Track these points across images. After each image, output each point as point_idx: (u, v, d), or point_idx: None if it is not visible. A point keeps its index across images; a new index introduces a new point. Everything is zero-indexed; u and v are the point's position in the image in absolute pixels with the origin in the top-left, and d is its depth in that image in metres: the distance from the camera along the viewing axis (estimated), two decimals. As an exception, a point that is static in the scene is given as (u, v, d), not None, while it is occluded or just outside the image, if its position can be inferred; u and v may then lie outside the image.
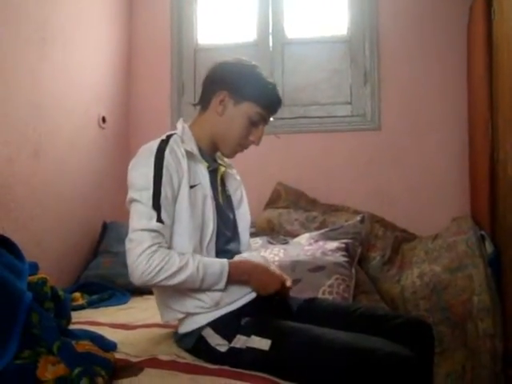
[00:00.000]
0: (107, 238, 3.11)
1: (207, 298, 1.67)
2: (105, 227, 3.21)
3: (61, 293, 1.78)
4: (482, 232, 2.70)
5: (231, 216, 1.93)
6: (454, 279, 2.58)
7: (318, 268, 2.54)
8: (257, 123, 1.80)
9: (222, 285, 1.65)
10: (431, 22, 3.24)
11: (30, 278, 1.66)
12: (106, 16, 3.38)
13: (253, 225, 3.18)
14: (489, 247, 2.62)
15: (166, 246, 1.60)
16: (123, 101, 3.57)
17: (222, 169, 1.92)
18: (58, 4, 2.85)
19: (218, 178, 1.89)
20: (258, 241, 2.93)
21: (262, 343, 1.57)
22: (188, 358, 1.66)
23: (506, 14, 2.38)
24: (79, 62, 3.05)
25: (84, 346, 1.48)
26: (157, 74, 3.61)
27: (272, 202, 3.28)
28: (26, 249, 1.84)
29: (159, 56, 3.60)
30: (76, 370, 1.27)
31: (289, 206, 3.21)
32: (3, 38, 2.46)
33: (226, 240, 1.85)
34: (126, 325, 2.09)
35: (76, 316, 2.07)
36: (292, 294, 2.12)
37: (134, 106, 3.64)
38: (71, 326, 1.80)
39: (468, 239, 2.68)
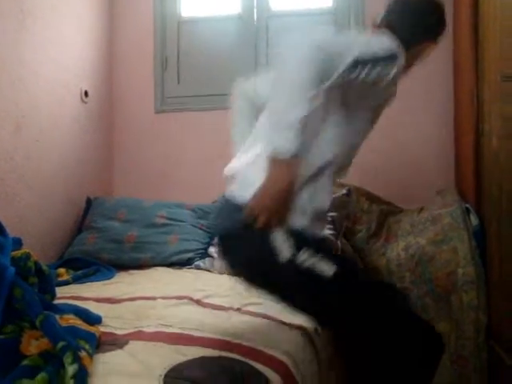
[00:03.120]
0: (91, 213, 3.10)
1: None
2: (89, 203, 3.20)
3: (44, 268, 1.77)
4: (467, 205, 2.71)
5: None
6: (438, 252, 2.59)
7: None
8: None
9: None
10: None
11: (14, 253, 1.66)
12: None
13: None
14: (473, 220, 2.64)
15: None
16: (106, 75, 3.53)
17: None
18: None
19: None
20: (244, 215, 2.94)
21: (327, 268, 1.53)
22: (175, 327, 1.68)
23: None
24: (60, 35, 3.00)
25: (68, 319, 1.48)
26: (140, 47, 3.56)
27: (258, 177, 3.28)
28: (9, 225, 1.83)
29: (142, 29, 3.55)
30: (60, 344, 1.26)
31: (274, 180, 3.21)
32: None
33: None
34: (111, 299, 2.11)
35: (61, 291, 2.07)
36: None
37: (116, 80, 3.60)
38: (56, 301, 1.80)
39: (453, 212, 2.69)
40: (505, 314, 2.20)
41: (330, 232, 2.61)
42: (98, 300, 2.08)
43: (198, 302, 2.06)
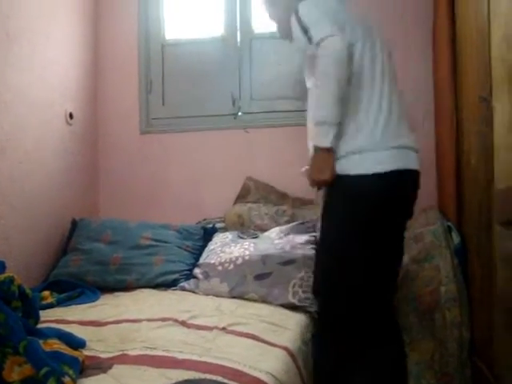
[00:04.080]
0: (76, 235, 3.09)
1: None
2: (74, 224, 3.18)
3: (28, 291, 1.77)
4: (449, 223, 2.74)
5: None
6: (421, 270, 2.61)
7: (288, 261, 2.58)
8: None
9: None
10: (397, 22, 3.22)
11: (-4, 277, 1.65)
12: (72, 11, 3.33)
13: (222, 219, 3.21)
14: (455, 238, 2.66)
15: None
16: (91, 97, 3.53)
17: None
18: (22, -1, 2.82)
19: None
20: (228, 235, 2.96)
21: None
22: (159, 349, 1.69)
23: (469, 13, 2.42)
24: (45, 58, 3.02)
25: (52, 344, 1.48)
26: (125, 70, 3.57)
27: (242, 197, 3.29)
28: (-7, 247, 1.83)
29: (127, 51, 3.57)
30: (43, 371, 1.26)
31: (259, 201, 3.22)
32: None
33: None
34: (95, 321, 2.10)
35: (45, 315, 2.06)
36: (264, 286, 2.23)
37: (101, 103, 3.60)
38: (40, 325, 1.79)
39: (435, 230, 2.72)
40: (487, 330, 2.21)
41: (314, 252, 2.62)
42: (82, 323, 2.07)
43: (183, 324, 2.05)
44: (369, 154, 1.93)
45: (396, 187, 1.97)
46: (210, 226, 3.21)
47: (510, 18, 1.80)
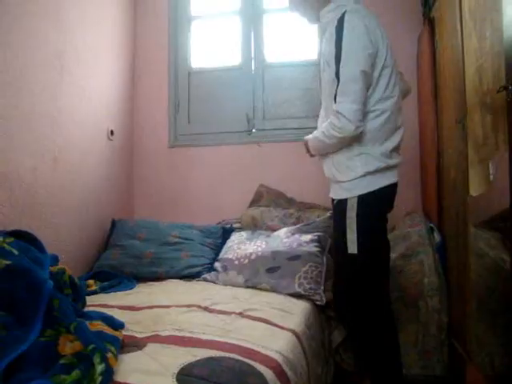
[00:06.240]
0: (116, 233, 3.12)
1: None
2: (113, 224, 3.22)
3: (77, 280, 1.81)
4: (431, 224, 2.75)
5: None
6: (408, 264, 2.62)
7: (294, 257, 2.57)
8: None
9: None
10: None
11: (52, 268, 1.69)
12: (114, 45, 3.39)
13: (239, 220, 3.23)
14: (437, 237, 2.66)
15: None
16: (128, 117, 3.58)
17: None
18: (73, 35, 2.86)
19: None
20: (244, 234, 2.97)
21: None
22: (186, 331, 1.70)
23: (446, 43, 2.43)
24: (91, 84, 3.07)
25: (96, 325, 1.51)
26: (156, 94, 3.62)
27: (255, 201, 3.31)
28: (48, 243, 1.86)
29: (159, 78, 3.61)
30: (90, 347, 1.29)
31: (270, 205, 3.24)
32: (28, 65, 2.49)
33: None
34: (132, 307, 2.11)
35: (90, 300, 2.08)
36: (274, 278, 2.37)
37: (137, 121, 3.65)
38: (86, 309, 1.82)
39: (420, 230, 2.72)
40: (462, 315, 2.22)
41: (317, 249, 2.63)
42: (121, 308, 2.08)
43: (206, 309, 2.06)
44: None
45: None
46: (228, 226, 3.22)
47: (480, 55, 1.82)
